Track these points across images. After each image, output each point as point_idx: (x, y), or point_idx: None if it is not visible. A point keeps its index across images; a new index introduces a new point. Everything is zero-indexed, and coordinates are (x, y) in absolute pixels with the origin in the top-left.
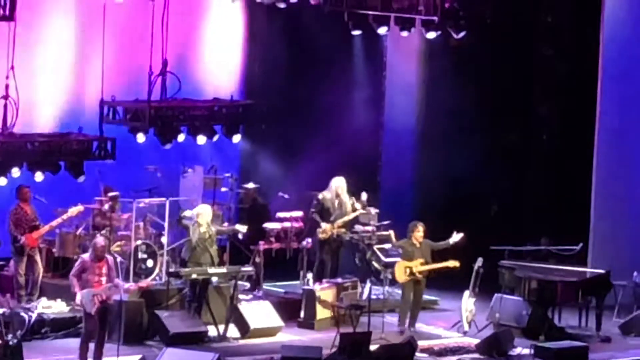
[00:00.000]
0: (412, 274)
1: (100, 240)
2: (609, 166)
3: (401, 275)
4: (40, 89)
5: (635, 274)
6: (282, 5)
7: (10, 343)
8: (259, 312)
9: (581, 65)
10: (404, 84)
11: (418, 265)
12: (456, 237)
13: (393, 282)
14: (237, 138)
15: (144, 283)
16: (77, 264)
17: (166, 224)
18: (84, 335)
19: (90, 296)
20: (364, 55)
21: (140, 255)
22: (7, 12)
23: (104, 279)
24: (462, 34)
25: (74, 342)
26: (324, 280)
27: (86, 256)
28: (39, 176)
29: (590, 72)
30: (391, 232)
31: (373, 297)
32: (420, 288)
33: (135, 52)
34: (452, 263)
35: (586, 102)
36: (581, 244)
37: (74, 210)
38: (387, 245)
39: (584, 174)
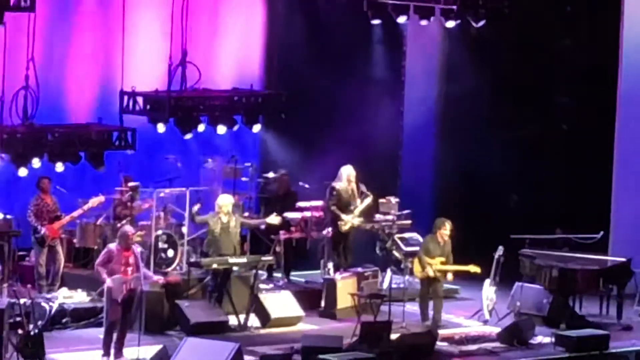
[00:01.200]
0: (430, 270)
1: (128, 228)
2: (629, 155)
3: (418, 270)
4: (60, 80)
5: None
6: None
7: (32, 333)
8: (279, 302)
9: (601, 55)
10: (423, 73)
11: (438, 264)
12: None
13: (413, 271)
14: (257, 128)
15: (172, 278)
16: (103, 253)
17: (186, 214)
18: (107, 325)
19: (121, 283)
20: (383, 45)
21: (161, 245)
22: (29, 3)
23: (130, 268)
24: (481, 23)
25: (95, 332)
26: (345, 269)
27: (112, 246)
28: (59, 167)
29: (610, 61)
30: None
31: (394, 286)
32: (438, 283)
33: (155, 42)
34: (474, 268)
35: (606, 91)
36: (602, 232)
37: (95, 201)
38: (407, 235)
39: (604, 163)
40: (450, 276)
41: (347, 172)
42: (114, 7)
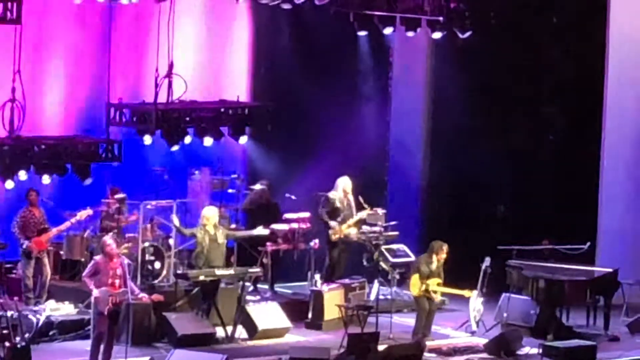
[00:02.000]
0: (427, 291)
1: (106, 238)
2: (616, 166)
3: (415, 290)
4: (46, 92)
5: None
6: (287, 7)
7: (19, 346)
8: (266, 313)
9: (587, 65)
10: (410, 84)
11: (434, 285)
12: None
13: (401, 282)
14: (243, 139)
15: (155, 297)
16: (90, 265)
17: (173, 227)
18: (94, 337)
19: (107, 296)
20: (370, 56)
21: (148, 257)
22: (14, 16)
23: (117, 281)
24: (467, 34)
25: (82, 345)
26: (333, 280)
27: (98, 257)
28: (45, 179)
29: (596, 72)
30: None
31: (381, 297)
32: (432, 301)
33: (141, 54)
34: (468, 294)
35: (592, 102)
36: (589, 243)
37: (83, 214)
38: (394, 246)
39: (591, 174)
40: (440, 296)
41: (344, 183)
42: (100, 19)
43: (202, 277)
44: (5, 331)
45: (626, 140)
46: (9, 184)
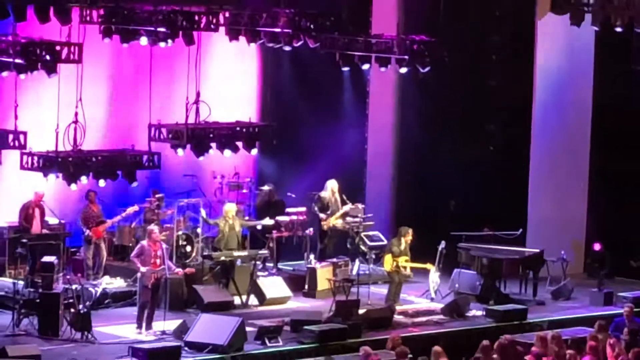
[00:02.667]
0: (397, 267)
1: (153, 227)
2: (541, 170)
3: (388, 266)
4: (101, 115)
5: (562, 252)
6: (287, 48)
7: (81, 311)
8: (272, 285)
9: (519, 91)
10: (383, 108)
11: (403, 262)
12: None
13: (376, 260)
14: (254, 151)
15: (188, 270)
16: (136, 248)
17: (201, 218)
18: (139, 304)
19: (150, 273)
20: (351, 87)
21: (181, 242)
22: (77, 57)
23: (158, 260)
24: (426, 69)
25: (130, 310)
26: (324, 259)
27: (144, 242)
28: (102, 183)
29: (527, 96)
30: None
31: (361, 272)
32: (403, 274)
33: (175, 85)
34: (429, 266)
35: (523, 120)
36: (521, 230)
37: (130, 210)
38: (371, 233)
39: (522, 176)
40: (409, 271)
41: (332, 184)
42: (142, 57)
43: (222, 258)
44: (71, 300)
45: (549, 149)
46: (73, 187)
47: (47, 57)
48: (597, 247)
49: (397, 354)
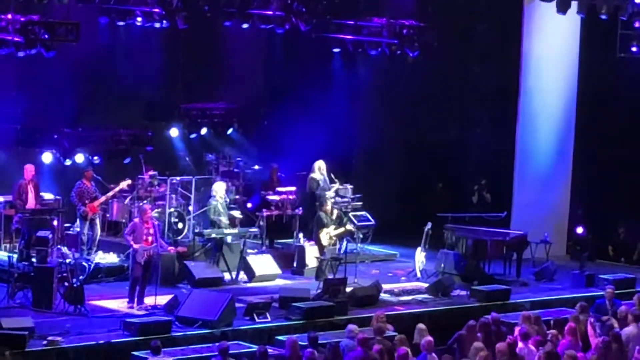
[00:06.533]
0: (330, 237)
1: (145, 205)
2: (526, 155)
3: (326, 241)
4: (98, 97)
5: (545, 234)
6: (280, 31)
7: (74, 285)
8: (262, 262)
9: (506, 77)
10: (373, 92)
11: (332, 231)
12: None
13: (365, 240)
14: (246, 133)
15: (180, 248)
16: (129, 225)
17: (192, 196)
18: (131, 280)
19: (142, 250)
20: (342, 73)
21: (173, 219)
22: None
23: (150, 237)
24: (415, 54)
25: (122, 285)
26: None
27: (137, 220)
28: (96, 160)
29: (511, 83)
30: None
31: (348, 251)
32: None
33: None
34: (349, 226)
35: (510, 105)
36: (505, 212)
37: (123, 184)
38: (358, 213)
39: (507, 160)
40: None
41: (318, 164)
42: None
43: (213, 235)
44: (65, 274)
45: (534, 135)
46: (68, 162)
47: (46, 36)
48: (579, 230)
49: (374, 331)
